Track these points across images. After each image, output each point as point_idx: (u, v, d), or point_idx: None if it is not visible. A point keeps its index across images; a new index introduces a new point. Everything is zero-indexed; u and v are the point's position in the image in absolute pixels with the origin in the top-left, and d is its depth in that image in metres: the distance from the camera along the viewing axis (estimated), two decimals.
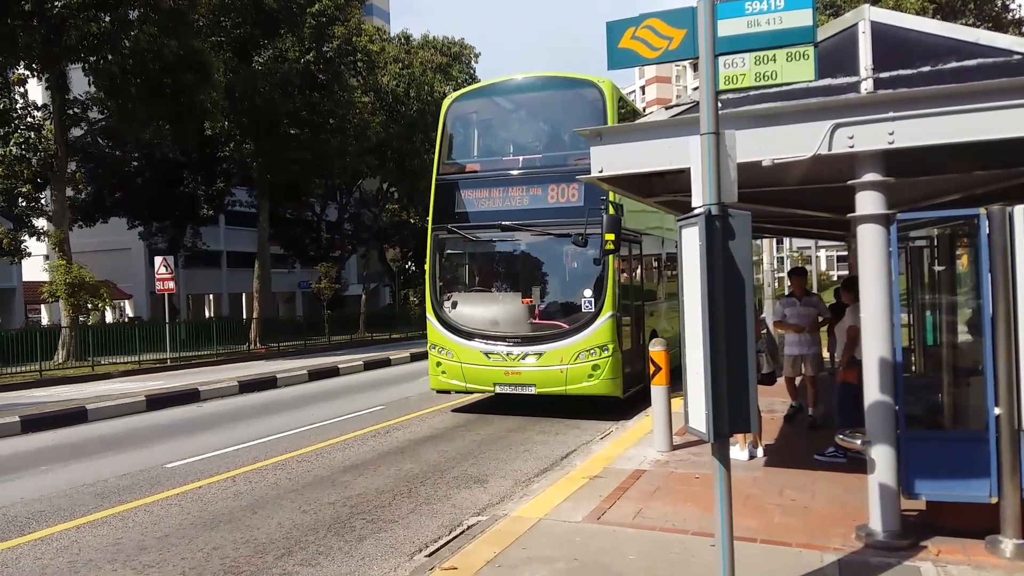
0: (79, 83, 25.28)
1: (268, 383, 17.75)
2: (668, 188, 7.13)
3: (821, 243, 28.49)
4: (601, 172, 6.10)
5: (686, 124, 5.34)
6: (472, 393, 12.54)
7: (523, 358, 11.41)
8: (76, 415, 13.18)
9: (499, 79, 13.49)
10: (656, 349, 8.79)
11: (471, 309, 12.15)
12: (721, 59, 4.35)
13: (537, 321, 11.74)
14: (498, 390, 11.73)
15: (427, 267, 12.63)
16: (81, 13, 20.43)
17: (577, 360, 11.17)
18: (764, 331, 9.56)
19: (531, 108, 13.21)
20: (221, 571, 5.63)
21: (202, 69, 23.95)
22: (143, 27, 22.56)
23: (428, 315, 12.39)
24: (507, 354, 11.50)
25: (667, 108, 7.69)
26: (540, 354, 11.31)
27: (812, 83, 4.94)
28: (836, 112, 5.22)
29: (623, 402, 11.60)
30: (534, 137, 12.93)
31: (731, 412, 3.97)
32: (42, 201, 26.79)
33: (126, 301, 42.55)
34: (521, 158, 12.38)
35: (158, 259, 24.29)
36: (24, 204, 25.86)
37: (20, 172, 23.30)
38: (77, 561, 5.92)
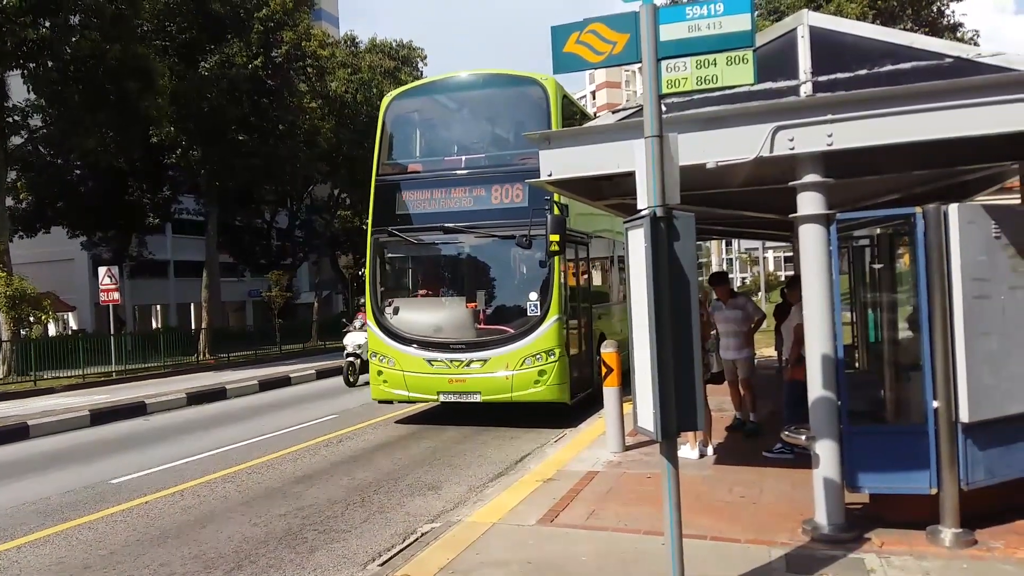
0: (18, 90, 24.56)
1: (217, 394, 17.43)
2: (616, 191, 7.21)
3: (768, 244, 29.06)
4: (550, 176, 6.13)
5: (631, 128, 5.39)
6: (416, 403, 12.19)
7: (467, 365, 11.00)
8: (17, 432, 12.76)
9: (440, 76, 13.22)
10: (608, 351, 8.85)
11: (413, 315, 11.71)
12: (664, 63, 4.41)
13: (481, 326, 11.38)
14: (442, 399, 11.34)
15: (367, 272, 12.22)
16: (18, 19, 19.87)
17: (523, 366, 10.80)
18: (713, 331, 9.68)
19: (473, 106, 12.84)
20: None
21: (146, 75, 23.46)
22: (84, 32, 22.02)
23: (368, 322, 12.03)
24: (450, 361, 11.08)
25: (614, 112, 7.78)
26: (485, 360, 10.94)
27: (755, 86, 5.06)
28: (777, 115, 5.33)
29: (571, 408, 11.36)
30: (477, 136, 12.58)
31: (679, 411, 4.02)
32: None
33: (70, 313, 41.38)
34: (464, 158, 12.01)
35: (102, 269, 23.70)
36: None
37: None
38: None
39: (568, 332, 11.17)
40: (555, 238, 9.71)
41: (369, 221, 12.23)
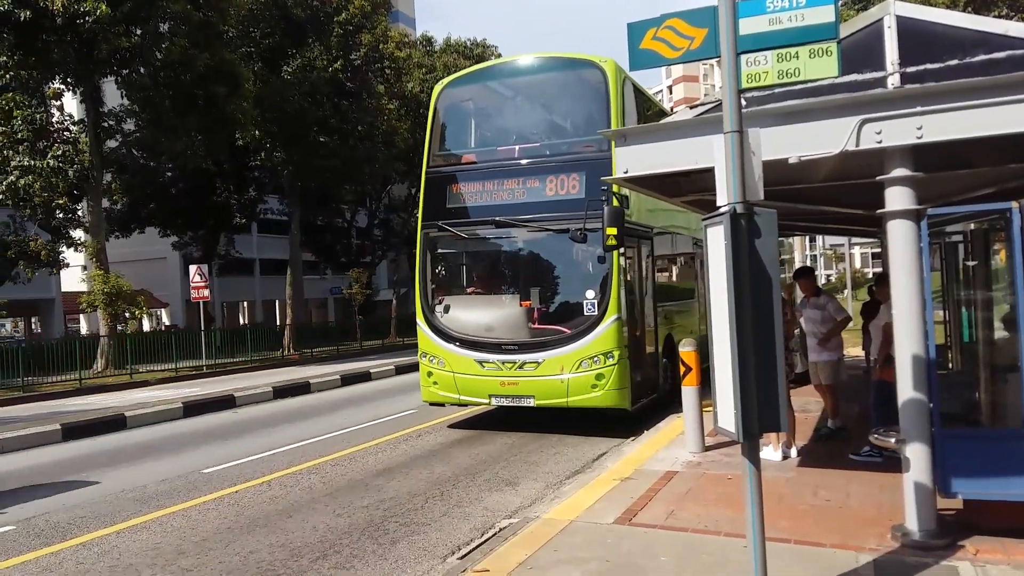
0: (113, 96, 25.79)
1: (302, 388, 17.95)
2: (694, 187, 7.10)
3: (854, 240, 28.14)
4: (626, 173, 6.10)
5: (710, 123, 5.31)
6: (467, 406, 11.64)
7: (520, 367, 10.32)
8: (115, 422, 13.43)
9: (493, 62, 12.66)
10: (686, 349, 8.74)
11: (463, 314, 11.10)
12: (743, 57, 4.35)
13: (535, 326, 10.65)
14: (494, 402, 10.75)
15: (417, 268, 11.63)
16: (112, 28, 20.84)
17: (579, 369, 10.05)
18: (797, 330, 9.42)
19: (528, 93, 12.06)
20: (258, 574, 5.71)
21: (232, 80, 24.31)
22: (174, 40, 22.95)
23: (418, 321, 11.36)
24: (502, 363, 10.42)
25: (692, 107, 7.67)
26: (538, 363, 10.23)
27: (838, 79, 4.92)
28: (863, 108, 5.16)
29: (633, 414, 10.55)
30: (531, 124, 11.88)
31: (761, 412, 3.95)
32: (79, 213, 27.31)
33: (162, 309, 43.27)
34: (517, 147, 11.25)
35: (192, 268, 24.71)
36: (61, 216, 26.38)
37: (57, 185, 23.77)
38: (118, 566, 6.05)
39: (629, 333, 10.47)
40: (612, 231, 9.03)
41: (419, 215, 11.72)
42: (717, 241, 4.08)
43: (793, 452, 8.01)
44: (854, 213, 9.52)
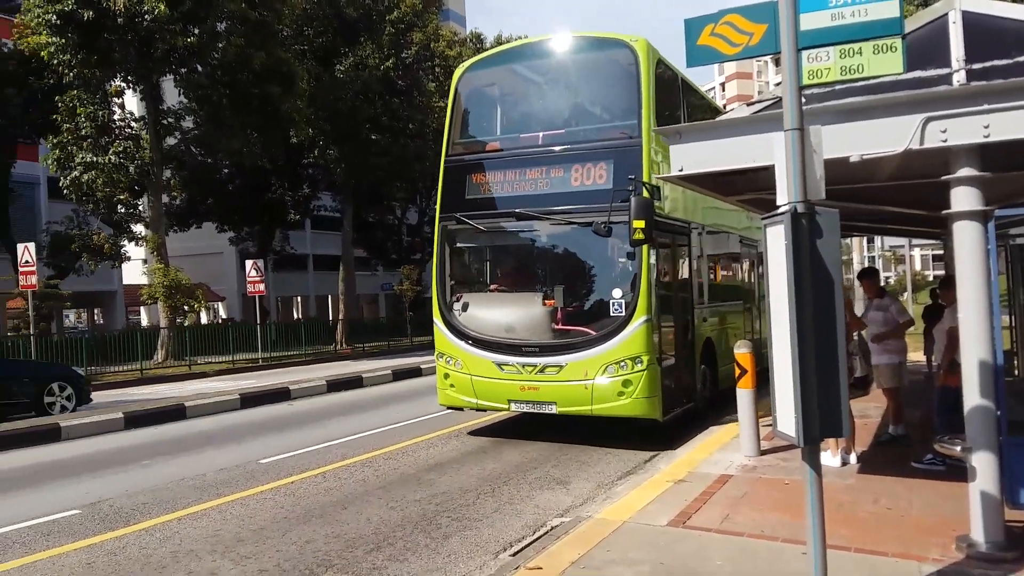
0: (172, 94, 26.46)
1: (354, 382, 18.20)
2: (751, 186, 7.00)
3: (915, 241, 27.42)
4: (681, 171, 6.04)
5: (769, 120, 5.23)
6: (485, 411, 10.82)
7: (541, 371, 9.59)
8: (175, 412, 13.80)
9: (517, 43, 11.88)
10: (741, 351, 8.61)
11: (482, 312, 10.36)
12: (804, 53, 4.27)
13: (558, 327, 9.85)
14: (513, 408, 10.02)
15: (434, 263, 10.89)
16: (170, 26, 21.37)
17: (605, 374, 9.28)
18: (856, 333, 9.21)
19: (553, 75, 11.18)
20: (314, 564, 5.82)
21: (287, 78, 24.76)
22: (230, 39, 23.45)
23: (435, 319, 10.64)
24: (522, 366, 9.69)
25: (749, 104, 7.56)
26: (560, 366, 9.49)
27: (901, 76, 4.80)
28: (927, 105, 5.02)
29: (664, 425, 9.69)
30: (556, 109, 11.00)
31: (822, 416, 3.88)
32: (140, 208, 28.14)
33: (219, 303, 44.27)
34: (541, 134, 10.46)
35: (249, 262, 25.23)
36: (123, 211, 27.22)
37: (119, 180, 24.52)
38: (179, 551, 6.22)
39: (661, 336, 9.64)
40: (639, 224, 8.38)
41: (437, 207, 11.05)
42: (777, 241, 4.01)
43: (852, 458, 7.85)
44: (916, 214, 9.28)
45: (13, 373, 14.64)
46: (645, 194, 8.85)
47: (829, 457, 7.59)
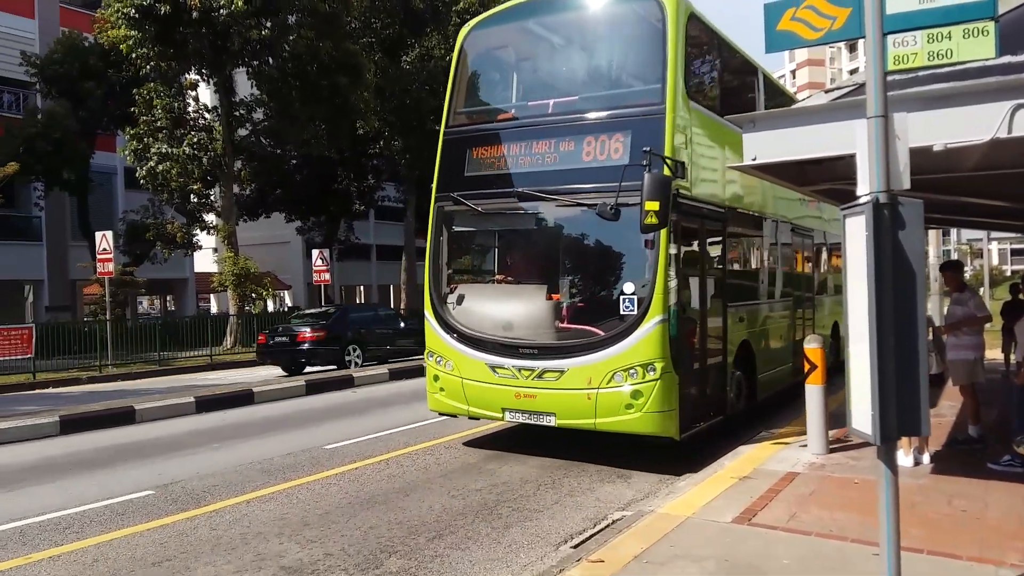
0: (244, 86, 27.08)
1: (416, 372, 18.36)
2: (827, 175, 6.81)
3: (994, 235, 26.34)
4: (754, 160, 5.90)
5: (850, 108, 5.06)
6: (478, 419, 9.54)
7: (539, 376, 8.33)
8: (244, 397, 14.15)
9: None
10: (812, 346, 8.37)
11: (477, 306, 9.13)
12: (890, 38, 4.11)
13: (562, 325, 8.59)
14: (507, 417, 8.75)
15: (428, 250, 9.68)
16: (244, 20, 21.84)
17: (611, 383, 7.94)
18: (930, 329, 8.88)
19: (568, 33, 9.73)
20: (377, 549, 5.89)
21: (355, 70, 25.07)
22: (301, 31, 23.85)
23: (426, 313, 9.42)
24: (518, 369, 8.45)
25: (826, 91, 7.34)
26: (561, 372, 8.21)
27: (990, 61, 4.59)
28: (1018, 92, 4.79)
29: (683, 443, 8.30)
30: (570, 73, 9.63)
31: (900, 413, 3.74)
32: (211, 197, 28.91)
33: (286, 291, 45.21)
34: (551, 102, 9.09)
35: (315, 252, 25.68)
36: (196, 200, 28.01)
37: (192, 171, 25.24)
38: (248, 533, 6.37)
39: (682, 339, 8.33)
40: (653, 206, 7.17)
41: (434, 186, 9.76)
42: (857, 232, 3.87)
43: (925, 458, 7.58)
44: (1000, 206, 8.91)
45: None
46: (667, 171, 7.66)
47: (902, 456, 7.33)
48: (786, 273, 12.31)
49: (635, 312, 7.99)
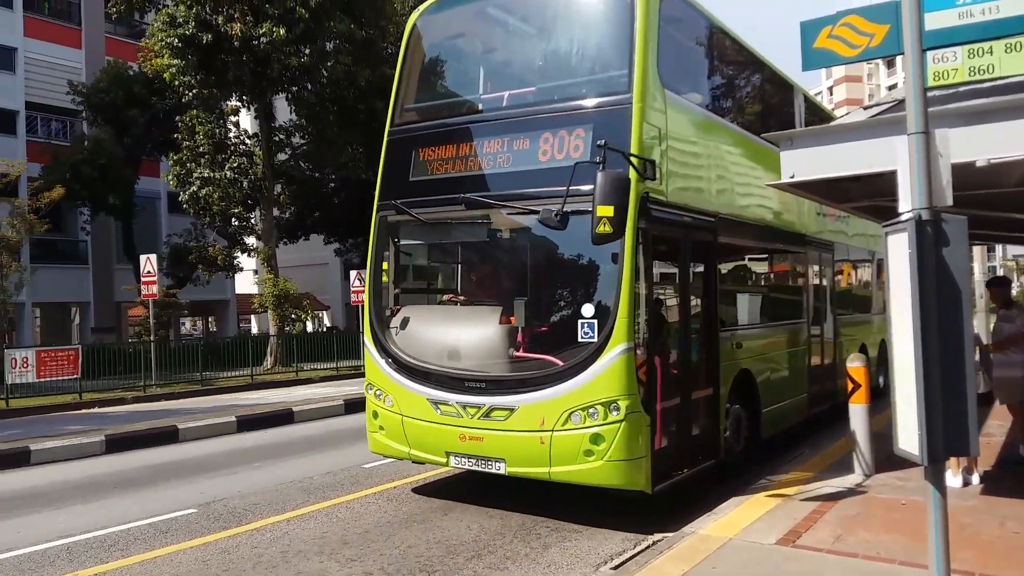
0: (283, 112, 27.61)
1: None
2: (867, 192, 6.74)
3: None
4: (792, 177, 5.88)
5: (890, 124, 5.01)
6: (423, 463, 8.06)
7: (486, 415, 7.08)
8: (284, 416, 14.31)
9: None
10: (855, 365, 8.23)
11: (421, 332, 7.88)
12: (929, 54, 4.09)
13: (517, 354, 7.22)
14: (452, 463, 7.42)
15: (368, 267, 8.57)
16: (284, 48, 22.31)
17: (567, 424, 6.66)
18: (977, 347, 8.69)
19: (525, 16, 8.62)
20: (416, 568, 5.90)
21: (391, 95, 25.38)
22: (338, 58, 24.27)
23: (365, 339, 8.29)
24: (464, 407, 7.21)
25: (864, 108, 7.28)
26: (511, 410, 6.94)
27: None
28: None
29: (656, 496, 6.91)
30: (529, 61, 8.47)
31: (947, 433, 3.68)
32: (252, 221, 29.41)
33: (324, 312, 45.70)
34: (506, 94, 7.99)
35: (353, 273, 25.90)
36: (237, 224, 28.52)
37: (233, 195, 25.74)
38: (288, 551, 6.43)
39: (655, 370, 6.94)
40: (606, 212, 6.02)
41: (376, 194, 8.62)
42: (899, 249, 3.84)
43: (975, 478, 7.41)
44: None
45: None
46: (631, 172, 6.56)
47: (950, 477, 7.17)
48: (798, 292, 11.17)
49: (595, 340, 6.68)
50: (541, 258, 7.85)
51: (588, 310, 6.88)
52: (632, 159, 6.61)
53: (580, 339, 6.81)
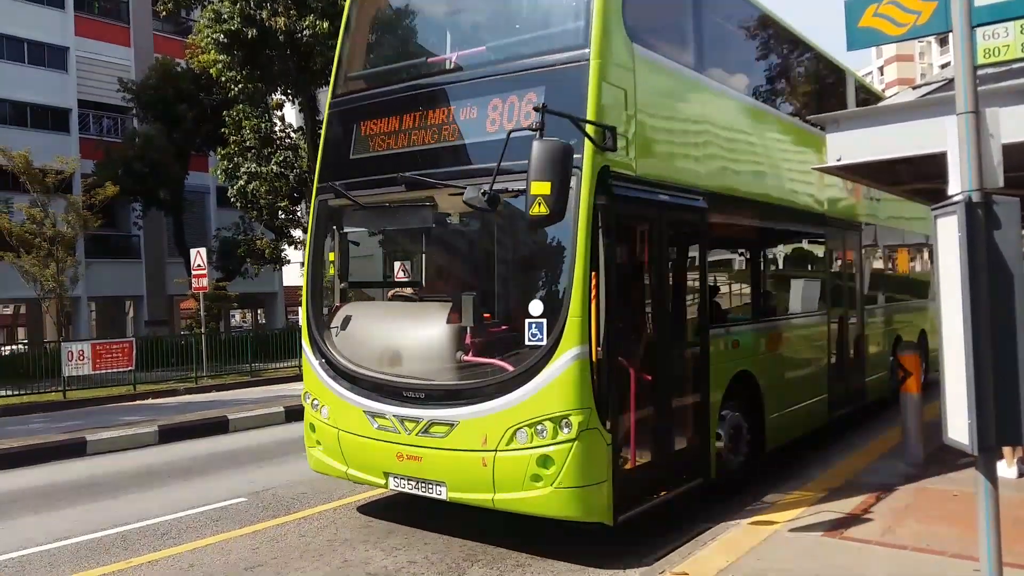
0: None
1: None
2: (917, 175, 6.56)
3: None
4: (839, 160, 5.74)
5: (939, 104, 4.86)
6: (362, 484, 7.16)
7: (425, 430, 6.06)
8: None
9: None
10: (907, 354, 8.03)
11: (360, 333, 6.93)
12: (979, 30, 3.95)
13: (466, 358, 6.11)
14: (391, 485, 6.44)
15: (306, 258, 7.60)
16: (327, 41, 22.52)
17: (512, 443, 5.63)
18: None
19: None
20: (460, 557, 5.95)
21: None
22: None
23: (303, 342, 7.32)
24: (402, 420, 6.19)
25: (914, 88, 7.08)
26: (451, 425, 5.94)
27: None
28: None
29: (618, 527, 5.80)
30: (481, 16, 7.29)
31: (999, 422, 3.57)
32: (298, 214, 29.84)
33: None
34: (453, 56, 6.89)
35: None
36: (283, 217, 28.96)
37: (280, 188, 26.12)
38: (335, 540, 6.52)
39: (619, 379, 5.84)
40: (542, 188, 5.04)
41: (316, 175, 7.58)
42: (948, 233, 3.72)
43: None
44: None
45: None
46: (588, 144, 5.55)
47: (1004, 467, 6.96)
48: (816, 281, 10.10)
49: (543, 343, 5.62)
50: (495, 246, 6.82)
51: (536, 307, 5.78)
52: (587, 126, 5.59)
53: (528, 342, 5.77)
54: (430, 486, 6.17)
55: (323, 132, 7.58)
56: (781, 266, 9.60)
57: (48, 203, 22.08)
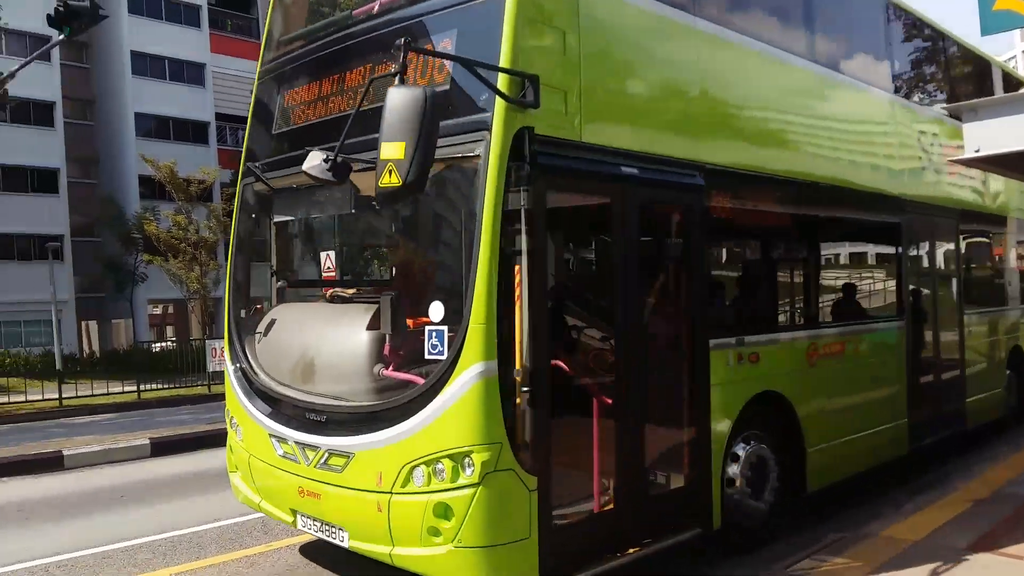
0: None
1: None
2: None
3: None
4: (978, 152, 5.38)
5: None
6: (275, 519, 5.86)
7: (325, 461, 4.91)
8: None
9: None
10: None
11: (276, 340, 5.81)
12: None
13: (386, 372, 4.82)
14: (299, 524, 5.29)
15: (229, 251, 6.66)
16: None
17: (408, 484, 4.41)
18: None
19: None
20: None
21: None
22: None
23: (224, 347, 6.54)
24: (303, 447, 5.07)
25: None
26: (347, 456, 4.76)
27: None
28: None
29: None
30: None
31: None
32: None
33: None
34: (376, 3, 5.43)
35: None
36: None
37: None
38: None
39: (563, 406, 4.66)
40: (392, 153, 3.85)
41: (242, 157, 6.42)
42: None
43: None
44: None
45: None
46: (499, 102, 4.29)
47: None
48: (885, 279, 8.32)
49: (443, 356, 4.38)
50: (422, 236, 5.65)
51: (437, 312, 4.51)
52: (500, 76, 4.28)
53: (427, 355, 4.49)
54: (331, 530, 5.01)
55: (251, 107, 6.48)
56: (829, 263, 7.79)
57: (192, 210, 23.65)
